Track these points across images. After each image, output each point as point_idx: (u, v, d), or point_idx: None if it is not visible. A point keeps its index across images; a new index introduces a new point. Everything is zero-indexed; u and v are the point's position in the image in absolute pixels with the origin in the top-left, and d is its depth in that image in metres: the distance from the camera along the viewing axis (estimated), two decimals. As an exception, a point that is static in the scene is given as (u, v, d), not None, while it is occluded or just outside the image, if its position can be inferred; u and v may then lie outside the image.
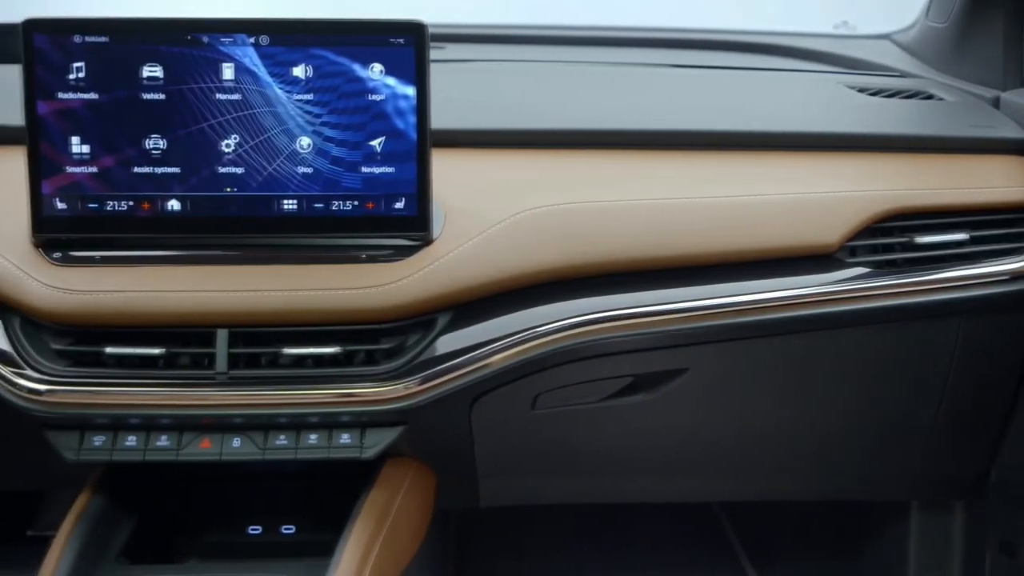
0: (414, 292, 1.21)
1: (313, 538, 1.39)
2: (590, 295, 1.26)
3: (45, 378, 1.20)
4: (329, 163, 1.24)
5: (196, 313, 1.20)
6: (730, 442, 1.44)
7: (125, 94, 1.22)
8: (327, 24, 1.23)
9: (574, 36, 1.53)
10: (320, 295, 1.20)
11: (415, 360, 1.22)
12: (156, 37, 1.22)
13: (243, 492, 1.43)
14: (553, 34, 1.52)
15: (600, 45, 1.54)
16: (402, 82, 1.23)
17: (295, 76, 1.23)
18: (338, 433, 1.23)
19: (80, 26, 1.21)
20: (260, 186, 1.24)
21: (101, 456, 1.21)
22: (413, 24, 1.22)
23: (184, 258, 1.24)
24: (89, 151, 1.23)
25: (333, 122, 1.24)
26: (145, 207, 1.24)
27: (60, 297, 1.19)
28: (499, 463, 1.41)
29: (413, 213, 1.25)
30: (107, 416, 1.21)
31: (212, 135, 1.23)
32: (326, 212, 1.25)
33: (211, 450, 1.22)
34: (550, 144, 1.35)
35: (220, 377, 1.20)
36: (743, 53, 1.69)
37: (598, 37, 1.54)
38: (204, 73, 1.22)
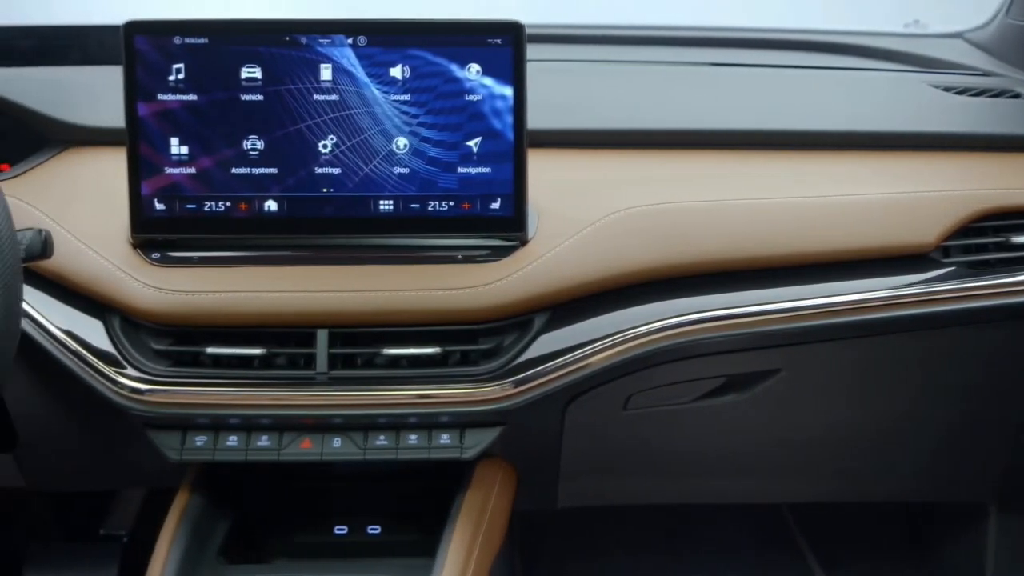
0: (514, 292, 1.21)
1: (398, 538, 1.39)
2: (685, 295, 1.26)
3: (146, 377, 1.21)
4: (425, 163, 1.24)
5: (296, 313, 1.20)
6: (817, 443, 1.43)
7: (224, 95, 1.23)
8: (425, 24, 1.23)
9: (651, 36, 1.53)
10: (420, 295, 1.20)
11: (514, 361, 1.21)
12: (255, 38, 1.22)
13: (327, 492, 1.43)
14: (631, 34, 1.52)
15: (675, 45, 1.54)
16: (499, 82, 1.23)
17: (392, 77, 1.23)
18: (437, 433, 1.23)
19: (180, 27, 1.22)
20: (356, 186, 1.25)
21: (204, 456, 1.22)
22: (511, 24, 1.22)
23: (282, 258, 1.24)
24: (188, 152, 1.24)
25: (430, 122, 1.24)
26: (242, 208, 1.25)
27: (162, 298, 1.19)
28: (584, 464, 1.41)
29: (509, 214, 1.25)
30: (208, 416, 1.21)
31: (309, 136, 1.24)
32: (422, 212, 1.25)
33: (312, 450, 1.22)
34: (641, 144, 1.35)
35: (320, 377, 1.20)
36: (816, 53, 1.68)
37: (674, 37, 1.53)
38: (302, 74, 1.23)
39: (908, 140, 1.37)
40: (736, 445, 1.43)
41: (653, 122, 1.37)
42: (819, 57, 1.60)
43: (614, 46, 1.53)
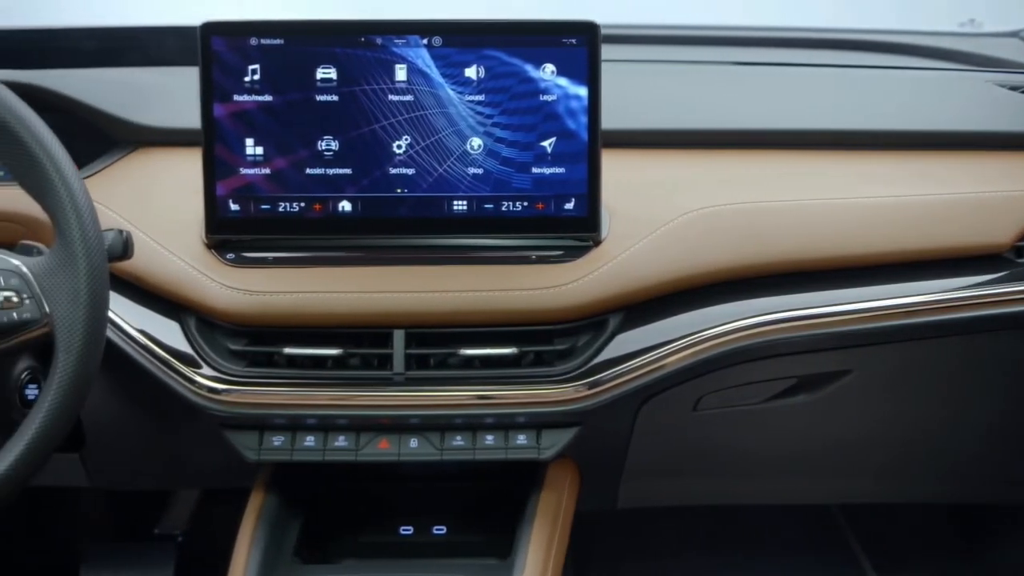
0: (591, 293, 1.21)
1: (464, 539, 1.39)
2: (759, 295, 1.25)
3: (223, 377, 1.21)
4: (500, 164, 1.24)
5: (374, 314, 1.20)
6: (882, 443, 1.43)
7: (299, 96, 1.23)
8: (500, 25, 1.23)
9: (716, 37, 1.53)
10: (497, 296, 1.20)
11: (590, 362, 1.21)
12: (330, 39, 1.22)
13: (390, 493, 1.43)
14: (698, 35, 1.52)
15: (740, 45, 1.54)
16: (574, 82, 1.23)
17: (467, 77, 1.23)
18: (514, 434, 1.22)
19: (256, 28, 1.22)
20: (431, 187, 1.25)
21: (282, 456, 1.22)
22: (587, 24, 1.22)
23: (356, 259, 1.24)
24: (263, 153, 1.24)
25: (504, 123, 1.24)
26: (317, 208, 1.25)
27: (240, 298, 1.20)
28: (649, 464, 1.41)
29: (583, 214, 1.25)
30: (284, 416, 1.21)
31: (384, 136, 1.24)
32: (496, 213, 1.25)
33: (389, 451, 1.22)
34: (711, 144, 1.35)
35: (397, 378, 1.20)
36: (875, 52, 1.67)
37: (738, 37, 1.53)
38: (377, 74, 1.23)
39: (979, 139, 1.36)
40: (803, 446, 1.43)
41: (722, 122, 1.37)
42: (879, 57, 1.60)
43: (682, 47, 1.53)
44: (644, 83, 1.40)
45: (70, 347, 1.04)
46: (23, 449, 1.03)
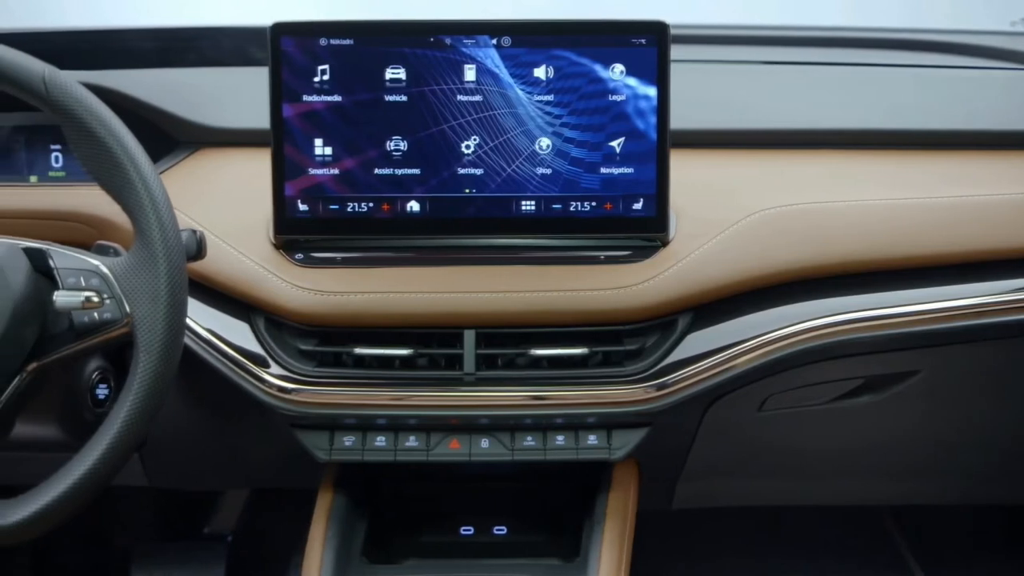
0: (662, 293, 1.21)
1: (525, 539, 1.39)
2: (828, 296, 1.25)
3: (293, 377, 1.21)
4: (568, 164, 1.24)
5: (445, 314, 1.20)
6: (945, 444, 1.42)
7: (368, 96, 1.23)
8: (569, 25, 1.23)
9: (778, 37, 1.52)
10: (568, 296, 1.20)
11: (661, 362, 1.21)
12: (400, 39, 1.22)
13: (451, 493, 1.43)
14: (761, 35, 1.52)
15: (800, 46, 1.53)
16: (643, 82, 1.23)
17: (536, 77, 1.23)
18: (584, 434, 1.22)
19: (326, 29, 1.22)
20: (499, 187, 1.25)
21: (353, 456, 1.22)
22: (656, 24, 1.22)
23: (425, 259, 1.24)
24: (331, 153, 1.24)
25: (573, 123, 1.24)
26: (385, 208, 1.25)
27: (312, 298, 1.20)
28: (709, 465, 1.41)
29: (651, 214, 1.25)
30: (355, 416, 1.22)
31: (452, 136, 1.24)
32: (564, 213, 1.25)
33: (460, 451, 1.22)
34: (776, 144, 1.34)
35: (468, 378, 1.20)
36: (930, 52, 1.66)
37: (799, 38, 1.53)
38: (446, 74, 1.23)
39: None
40: (865, 446, 1.42)
41: (787, 122, 1.36)
42: (936, 57, 1.59)
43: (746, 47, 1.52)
44: (708, 83, 1.39)
45: (150, 347, 1.04)
46: (105, 449, 1.04)
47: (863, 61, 1.52)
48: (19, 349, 1.05)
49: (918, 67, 1.54)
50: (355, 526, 1.29)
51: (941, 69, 1.53)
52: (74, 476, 1.04)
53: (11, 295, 1.04)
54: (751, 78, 1.46)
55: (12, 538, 1.04)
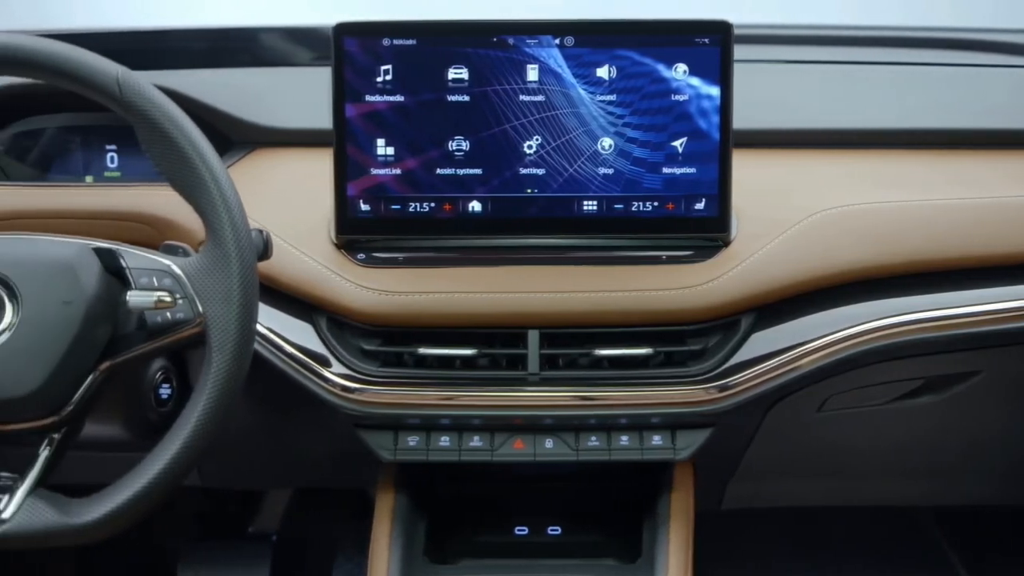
0: (726, 293, 1.20)
1: (580, 539, 1.39)
2: (891, 296, 1.25)
3: (357, 376, 1.21)
4: (630, 164, 1.24)
5: (509, 314, 1.20)
6: (1005, 445, 1.42)
7: (430, 96, 1.23)
8: (632, 24, 1.22)
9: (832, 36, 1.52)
10: (634, 296, 1.20)
11: (725, 363, 1.21)
12: (462, 39, 1.22)
13: (505, 493, 1.43)
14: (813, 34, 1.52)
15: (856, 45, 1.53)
16: (706, 82, 1.22)
17: (599, 77, 1.23)
18: (649, 434, 1.22)
19: (389, 29, 1.22)
20: (561, 187, 1.25)
21: (417, 456, 1.22)
22: (720, 24, 1.22)
23: (487, 259, 1.24)
24: (393, 153, 1.24)
25: (635, 123, 1.23)
26: (447, 208, 1.25)
27: (377, 298, 1.20)
28: (764, 465, 1.40)
29: (714, 214, 1.24)
30: (418, 416, 1.22)
31: (515, 136, 1.24)
32: (626, 213, 1.25)
33: (525, 451, 1.22)
34: (836, 144, 1.34)
35: (532, 378, 1.20)
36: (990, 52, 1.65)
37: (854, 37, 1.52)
38: (508, 74, 1.23)
39: None
40: (921, 446, 1.42)
41: (846, 122, 1.36)
42: (990, 56, 1.58)
43: (805, 47, 1.52)
44: (764, 83, 1.39)
45: (223, 347, 1.04)
46: (179, 449, 1.04)
47: (918, 60, 1.52)
48: (92, 349, 1.05)
49: (974, 66, 1.53)
50: (416, 526, 1.29)
51: (997, 68, 1.52)
52: (148, 476, 1.04)
53: (84, 295, 1.04)
54: (807, 78, 1.46)
55: (85, 537, 1.05)
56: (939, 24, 1.55)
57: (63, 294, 1.04)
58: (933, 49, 1.54)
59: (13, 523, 1.03)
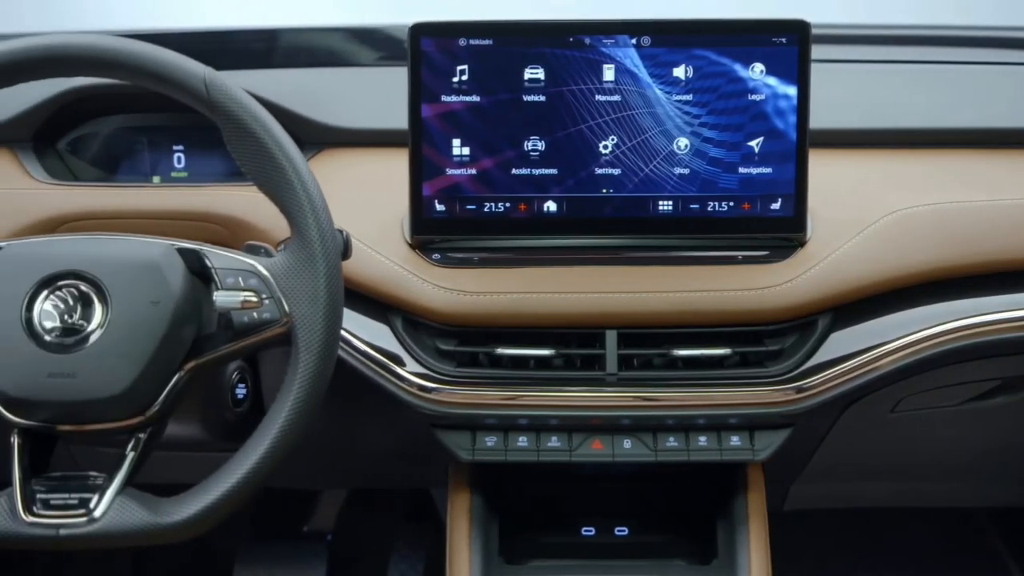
0: (805, 293, 1.20)
1: (647, 540, 1.38)
2: (966, 296, 1.24)
3: (434, 376, 1.21)
4: (706, 164, 1.24)
5: (587, 314, 1.20)
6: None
7: (506, 96, 1.23)
8: (709, 24, 1.22)
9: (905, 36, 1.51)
10: (713, 296, 1.19)
11: (805, 363, 1.20)
12: (539, 39, 1.22)
13: (572, 493, 1.43)
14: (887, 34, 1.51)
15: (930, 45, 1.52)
16: (783, 82, 1.22)
17: (675, 77, 1.23)
18: (727, 435, 1.22)
19: (465, 29, 1.22)
20: (636, 187, 1.24)
21: (495, 456, 1.22)
22: (798, 23, 1.21)
23: (563, 259, 1.24)
24: (469, 153, 1.24)
25: (712, 123, 1.23)
26: (522, 208, 1.25)
27: (455, 298, 1.20)
28: (831, 466, 1.40)
29: (789, 214, 1.24)
30: (496, 416, 1.21)
31: (590, 136, 1.24)
32: (701, 213, 1.25)
33: (603, 451, 1.22)
34: (909, 144, 1.34)
35: (610, 378, 1.20)
36: None
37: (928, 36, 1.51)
38: (585, 74, 1.23)
39: None
40: (990, 448, 1.41)
41: (920, 121, 1.35)
42: None
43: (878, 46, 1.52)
44: (841, 82, 1.39)
45: (310, 346, 1.05)
46: (268, 447, 1.04)
47: (998, 60, 1.51)
48: (179, 349, 1.06)
49: None
50: (491, 526, 1.29)
51: None
52: (236, 476, 1.04)
53: (172, 295, 1.04)
54: (881, 77, 1.45)
55: (174, 537, 1.05)
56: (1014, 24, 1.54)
57: (151, 294, 1.04)
58: (1015, 49, 1.53)
59: (104, 522, 1.03)
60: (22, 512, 1.03)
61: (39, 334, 1.03)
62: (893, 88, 1.41)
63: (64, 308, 1.04)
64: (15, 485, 1.04)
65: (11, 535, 1.03)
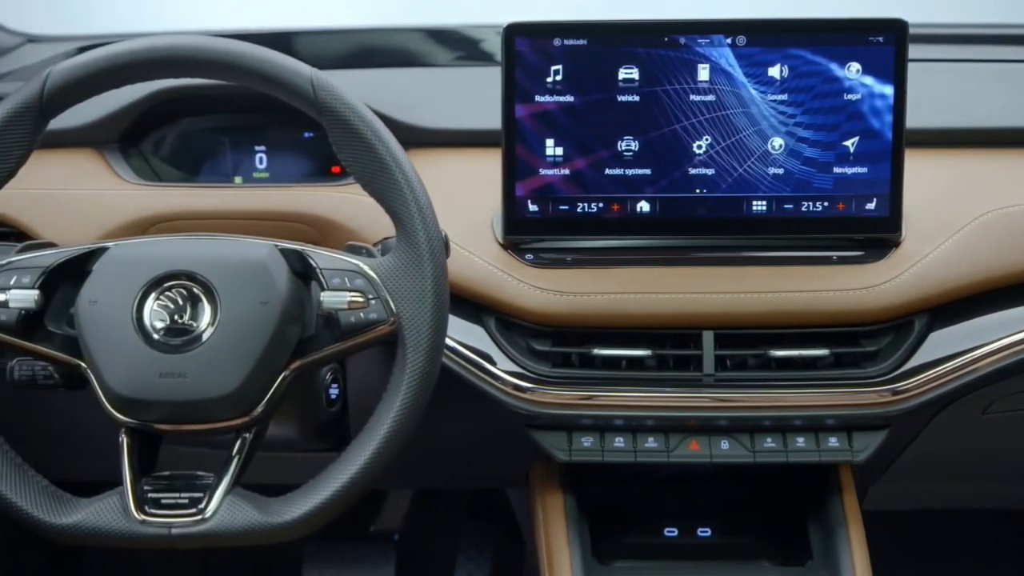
0: (904, 294, 1.19)
1: (732, 541, 1.38)
2: None
3: (529, 376, 1.21)
4: (801, 164, 1.24)
5: (684, 315, 1.19)
6: None
7: (600, 96, 1.23)
8: (805, 23, 1.22)
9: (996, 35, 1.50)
10: (811, 297, 1.19)
11: (904, 364, 1.20)
12: (633, 39, 1.22)
13: (654, 493, 1.43)
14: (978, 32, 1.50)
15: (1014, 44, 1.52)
16: (880, 81, 1.22)
17: (770, 76, 1.22)
18: (825, 436, 1.21)
19: (560, 29, 1.22)
20: (730, 187, 1.24)
21: (592, 457, 1.22)
22: (896, 22, 1.21)
23: (656, 260, 1.24)
24: (562, 153, 1.24)
25: (807, 122, 1.23)
26: (615, 209, 1.25)
27: (551, 299, 1.20)
28: (915, 468, 1.39)
29: (885, 214, 1.23)
30: (592, 417, 1.21)
31: (684, 136, 1.23)
32: (795, 213, 1.24)
33: (700, 452, 1.22)
34: (1003, 143, 1.33)
35: (707, 379, 1.19)
36: None
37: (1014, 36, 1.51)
38: (679, 74, 1.22)
39: None
40: None
41: (1007, 120, 1.35)
42: None
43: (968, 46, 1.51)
44: (935, 81, 1.38)
45: (418, 346, 1.05)
46: (378, 446, 1.04)
47: None
48: (285, 349, 1.06)
49: None
50: (583, 526, 1.29)
51: None
52: (346, 475, 1.05)
53: (279, 295, 1.04)
54: (977, 76, 1.44)
55: (284, 536, 1.05)
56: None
57: (260, 295, 1.04)
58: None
59: (214, 522, 1.04)
60: (135, 511, 1.03)
61: (150, 335, 1.03)
62: (983, 87, 1.40)
63: (174, 308, 1.04)
64: (126, 485, 1.04)
65: (126, 534, 1.03)
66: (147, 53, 1.05)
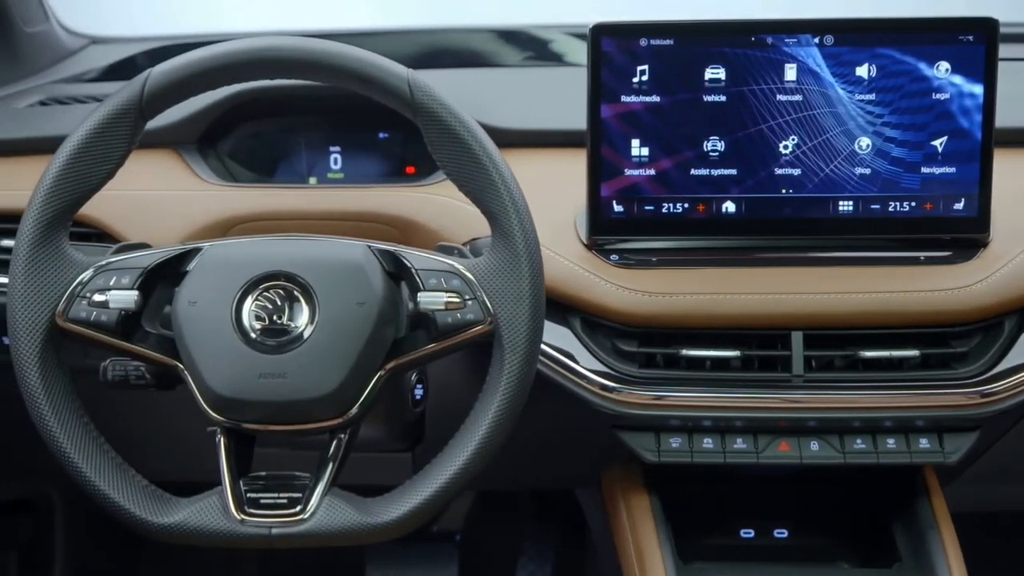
0: (996, 295, 1.19)
1: (809, 542, 1.37)
2: None
3: (616, 376, 1.21)
4: (888, 164, 1.23)
5: (773, 315, 1.19)
6: None
7: (687, 96, 1.23)
8: (893, 22, 1.21)
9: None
10: (901, 297, 1.18)
11: (995, 366, 1.19)
12: (720, 39, 1.22)
13: (729, 494, 1.42)
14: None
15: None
16: (969, 80, 1.21)
17: (858, 76, 1.22)
18: (915, 437, 1.21)
19: (646, 30, 1.22)
20: (816, 187, 1.24)
21: (681, 458, 1.21)
22: (986, 21, 1.20)
23: (742, 260, 1.23)
24: (648, 154, 1.24)
25: (895, 122, 1.22)
26: (700, 209, 1.25)
27: (639, 299, 1.19)
28: (992, 470, 1.38)
29: (973, 214, 1.23)
30: (679, 417, 1.21)
31: (770, 136, 1.23)
32: (882, 213, 1.24)
33: (790, 453, 1.21)
34: None
35: (796, 380, 1.19)
36: None
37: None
38: (766, 74, 1.22)
39: None
40: None
41: None
42: None
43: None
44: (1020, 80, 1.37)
45: (516, 347, 1.04)
46: (477, 446, 1.04)
47: None
48: (381, 349, 1.06)
49: None
50: (668, 527, 1.29)
51: None
52: (445, 476, 1.04)
53: (376, 296, 1.04)
54: None
55: (382, 536, 1.05)
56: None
57: (357, 295, 1.04)
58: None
59: (314, 522, 1.04)
60: (235, 511, 1.03)
61: (248, 335, 1.04)
62: None
63: (272, 309, 1.04)
64: (225, 485, 1.04)
65: (227, 534, 1.03)
66: (247, 54, 1.05)
